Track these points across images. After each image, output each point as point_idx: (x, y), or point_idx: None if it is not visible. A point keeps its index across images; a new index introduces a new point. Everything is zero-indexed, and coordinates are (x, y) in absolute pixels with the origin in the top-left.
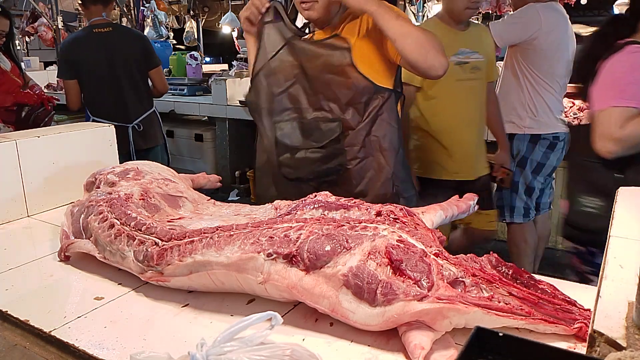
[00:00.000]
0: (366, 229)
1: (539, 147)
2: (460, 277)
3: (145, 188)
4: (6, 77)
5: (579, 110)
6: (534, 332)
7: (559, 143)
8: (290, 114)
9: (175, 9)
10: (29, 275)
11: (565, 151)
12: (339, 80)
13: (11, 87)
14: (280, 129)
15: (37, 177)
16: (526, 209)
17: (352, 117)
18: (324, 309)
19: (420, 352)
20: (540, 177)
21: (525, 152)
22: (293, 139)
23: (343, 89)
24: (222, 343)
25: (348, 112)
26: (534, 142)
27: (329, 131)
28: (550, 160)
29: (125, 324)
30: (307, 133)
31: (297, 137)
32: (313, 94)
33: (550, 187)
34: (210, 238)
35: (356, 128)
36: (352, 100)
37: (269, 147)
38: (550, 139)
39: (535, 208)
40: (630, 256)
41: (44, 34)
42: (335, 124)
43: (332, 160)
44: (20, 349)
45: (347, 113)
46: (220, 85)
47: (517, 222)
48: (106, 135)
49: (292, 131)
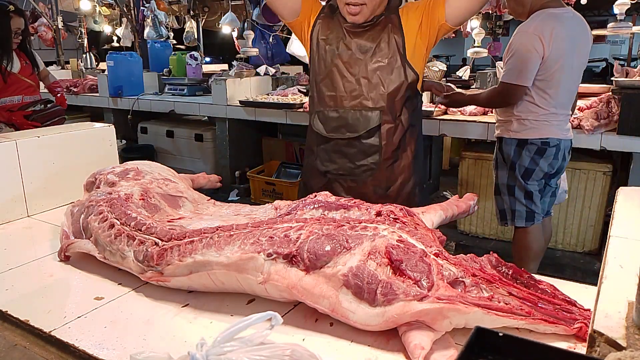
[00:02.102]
0: (366, 229)
1: (526, 152)
2: (460, 277)
3: (145, 188)
4: (13, 79)
5: (579, 110)
6: (534, 332)
7: (549, 149)
8: (328, 102)
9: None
10: (29, 275)
11: (564, 157)
12: (386, 66)
13: (18, 88)
14: (316, 117)
15: (37, 177)
16: (529, 212)
17: (391, 110)
18: (324, 309)
19: (420, 352)
20: (532, 182)
21: (513, 156)
22: (328, 128)
23: (389, 76)
24: (222, 343)
25: (389, 103)
26: (521, 147)
27: (368, 120)
28: (540, 166)
29: (125, 324)
30: (343, 122)
31: (332, 126)
32: (355, 81)
33: (551, 193)
34: (210, 238)
35: (395, 123)
36: (395, 92)
37: (309, 136)
38: (539, 144)
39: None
40: (630, 256)
41: (44, 34)
42: (374, 114)
43: (367, 157)
44: (20, 349)
45: (388, 104)
46: (220, 85)
47: (520, 225)
48: (106, 135)
49: (327, 120)
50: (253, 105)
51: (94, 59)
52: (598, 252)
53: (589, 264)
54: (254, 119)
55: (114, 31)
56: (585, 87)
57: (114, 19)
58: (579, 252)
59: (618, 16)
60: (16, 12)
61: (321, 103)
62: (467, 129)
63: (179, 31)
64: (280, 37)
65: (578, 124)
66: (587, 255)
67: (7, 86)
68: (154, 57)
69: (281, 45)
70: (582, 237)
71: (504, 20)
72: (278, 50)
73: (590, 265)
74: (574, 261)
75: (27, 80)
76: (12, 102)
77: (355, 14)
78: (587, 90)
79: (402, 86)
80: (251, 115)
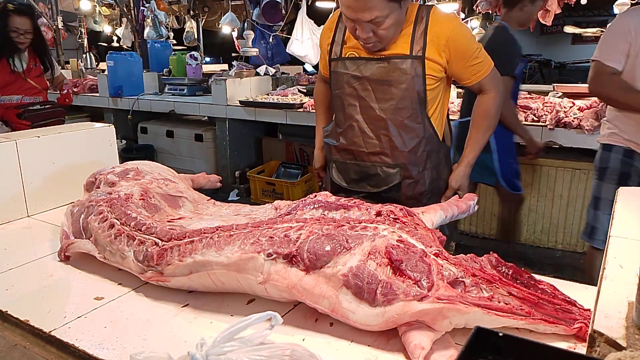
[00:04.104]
0: (366, 229)
1: None
2: (460, 277)
3: (145, 188)
4: (12, 78)
5: (579, 110)
6: (534, 332)
7: None
8: (346, 155)
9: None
10: (29, 275)
11: None
12: (408, 124)
13: (20, 88)
14: (334, 168)
15: (37, 177)
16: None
17: (413, 166)
18: (324, 309)
19: (420, 352)
20: None
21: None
22: (348, 181)
23: (410, 133)
24: (222, 343)
25: (409, 159)
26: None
27: (389, 177)
28: None
29: (125, 324)
30: (364, 176)
31: (352, 179)
32: (375, 136)
33: None
34: (210, 238)
35: (415, 179)
36: (415, 148)
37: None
38: None
39: None
40: (630, 256)
41: (44, 34)
42: (395, 170)
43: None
44: (20, 349)
45: (408, 160)
46: (220, 85)
47: (597, 247)
48: (106, 135)
49: (346, 172)
50: (253, 105)
51: (94, 59)
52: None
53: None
54: (254, 119)
55: (114, 31)
56: (584, 87)
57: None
58: (579, 252)
59: None
60: (17, 11)
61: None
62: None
63: (179, 31)
64: (280, 37)
65: (578, 124)
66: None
67: (7, 85)
68: (154, 57)
69: (281, 45)
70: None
71: None
72: (278, 50)
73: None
74: (574, 261)
75: (31, 82)
76: (10, 102)
77: (370, 47)
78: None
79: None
80: (251, 115)
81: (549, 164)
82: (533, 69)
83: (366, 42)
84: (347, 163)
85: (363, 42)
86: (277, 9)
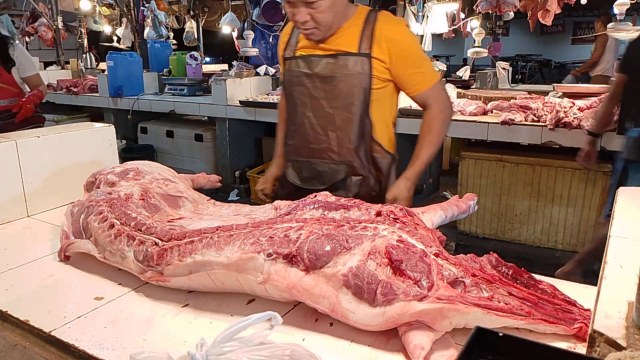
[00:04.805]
0: (366, 229)
1: None
2: (460, 277)
3: (145, 188)
4: None
5: (579, 110)
6: (534, 332)
7: None
8: (299, 153)
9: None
10: (29, 275)
11: None
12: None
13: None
14: (290, 167)
15: (37, 177)
16: None
17: (359, 163)
18: (324, 309)
19: (420, 352)
20: None
21: None
22: (301, 179)
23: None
24: (222, 343)
25: (355, 156)
26: None
27: (335, 174)
28: None
29: (125, 324)
30: (315, 173)
31: (304, 177)
32: (323, 133)
33: None
34: (210, 238)
35: (364, 177)
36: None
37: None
38: None
39: None
40: (630, 256)
41: (44, 34)
42: (341, 167)
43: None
44: (20, 349)
45: (354, 157)
46: (220, 85)
47: None
48: (106, 135)
49: (299, 171)
50: (253, 105)
51: (94, 59)
52: None
53: (589, 264)
54: (253, 119)
55: (114, 31)
56: (585, 87)
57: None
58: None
59: (618, 16)
60: None
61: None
62: (467, 129)
63: (179, 31)
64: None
65: (578, 124)
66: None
67: None
68: (153, 57)
69: None
70: (582, 237)
71: (504, 20)
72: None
73: (590, 265)
74: None
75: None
76: None
77: (309, 35)
78: (587, 90)
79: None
80: (251, 115)
81: (549, 164)
82: (533, 69)
83: (305, 27)
84: (301, 161)
85: (302, 27)
86: (277, 9)
